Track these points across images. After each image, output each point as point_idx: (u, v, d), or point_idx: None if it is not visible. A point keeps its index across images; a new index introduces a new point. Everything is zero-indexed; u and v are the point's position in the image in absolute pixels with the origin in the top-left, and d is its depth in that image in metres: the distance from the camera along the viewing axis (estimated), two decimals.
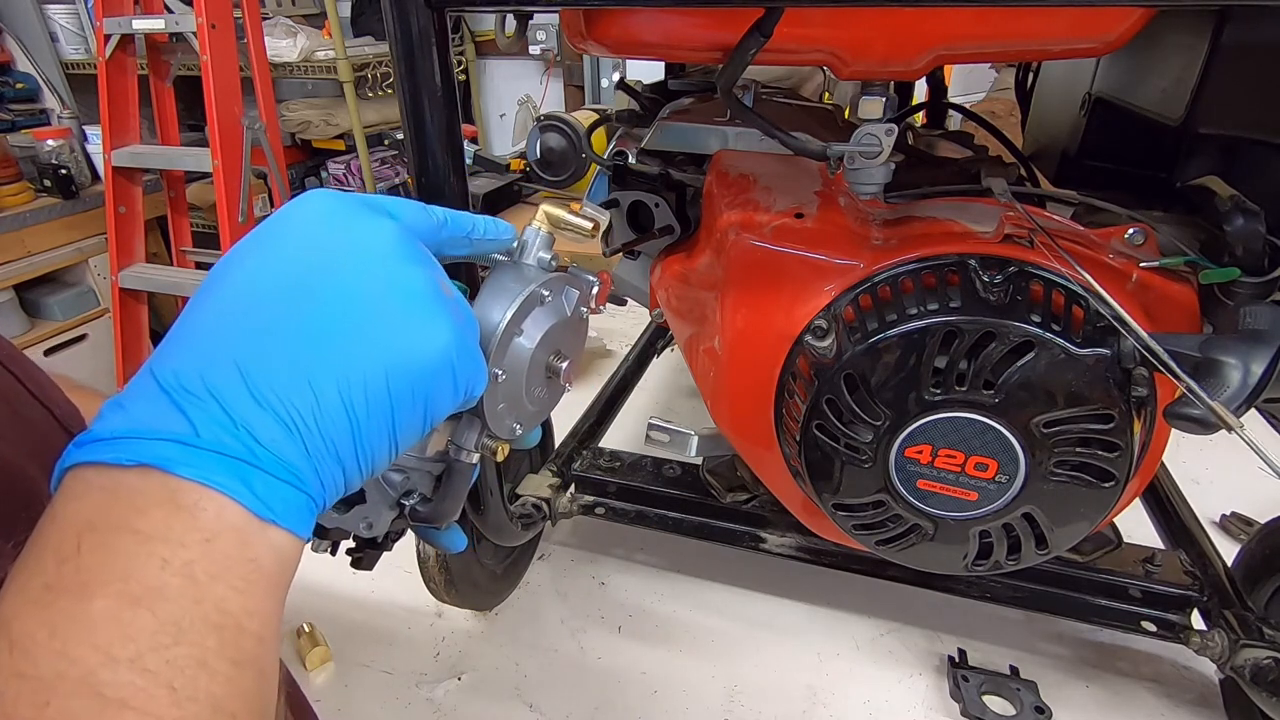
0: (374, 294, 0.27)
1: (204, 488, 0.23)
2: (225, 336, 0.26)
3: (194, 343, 0.26)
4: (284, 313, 0.26)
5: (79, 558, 0.22)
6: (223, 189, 1.90)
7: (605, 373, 1.07)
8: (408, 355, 0.27)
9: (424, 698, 0.76)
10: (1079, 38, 0.50)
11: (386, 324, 0.27)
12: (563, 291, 0.37)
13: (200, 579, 0.23)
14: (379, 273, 0.28)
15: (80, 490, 0.24)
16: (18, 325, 2.16)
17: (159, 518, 0.23)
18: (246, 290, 0.27)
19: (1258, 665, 0.62)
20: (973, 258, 0.51)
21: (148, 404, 0.24)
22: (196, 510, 0.23)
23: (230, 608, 0.23)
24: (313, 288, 0.27)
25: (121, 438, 0.24)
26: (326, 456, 0.26)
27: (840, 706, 0.75)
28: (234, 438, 0.24)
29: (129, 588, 0.22)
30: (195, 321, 0.27)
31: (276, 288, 0.27)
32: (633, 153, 0.74)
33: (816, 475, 0.55)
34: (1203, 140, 0.57)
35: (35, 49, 2.38)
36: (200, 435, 0.24)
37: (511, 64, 2.74)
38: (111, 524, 0.23)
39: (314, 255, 0.28)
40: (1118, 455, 0.48)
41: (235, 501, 0.24)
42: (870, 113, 0.56)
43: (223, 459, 0.24)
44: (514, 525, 0.77)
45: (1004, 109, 1.22)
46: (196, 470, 0.23)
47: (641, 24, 0.56)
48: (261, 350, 0.25)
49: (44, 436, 0.36)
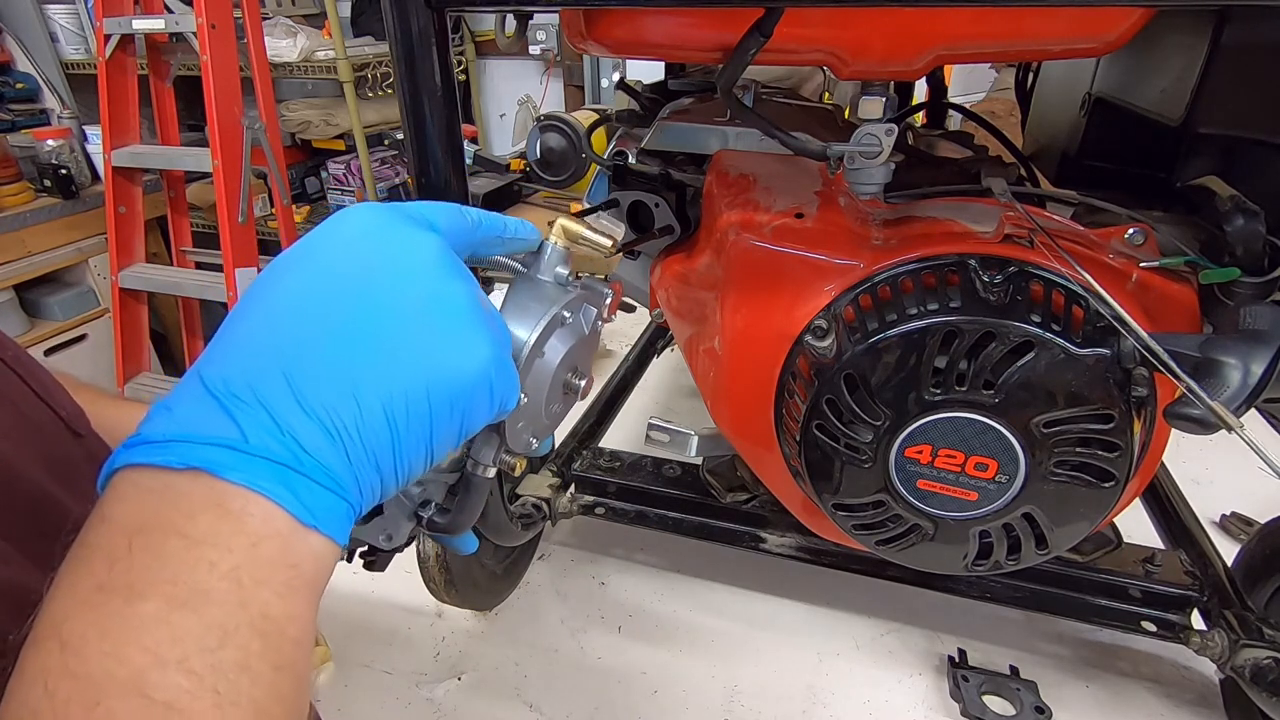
0: (417, 309, 0.28)
1: (251, 493, 0.24)
2: (272, 345, 0.26)
3: (241, 350, 0.26)
4: (330, 325, 0.27)
5: (129, 559, 0.22)
6: (223, 189, 1.90)
7: (605, 373, 1.07)
8: (448, 370, 0.28)
9: (424, 698, 0.76)
10: (1079, 38, 0.50)
11: (429, 339, 0.28)
12: (581, 310, 0.37)
13: (246, 583, 0.23)
14: (421, 288, 0.28)
15: (130, 492, 0.24)
16: (18, 325, 2.16)
17: (207, 521, 0.23)
18: (292, 301, 0.27)
19: (1258, 665, 0.62)
20: (973, 258, 0.51)
21: (196, 408, 0.25)
22: (244, 515, 0.23)
23: (273, 612, 0.24)
24: (358, 301, 0.27)
25: (171, 440, 0.24)
26: (367, 465, 0.26)
27: (840, 706, 0.75)
28: (280, 444, 0.24)
29: (177, 590, 0.22)
30: (241, 329, 0.27)
31: (322, 300, 0.27)
32: (633, 153, 0.74)
33: (816, 475, 0.55)
34: (1203, 140, 0.57)
35: (35, 49, 2.38)
36: (249, 440, 0.24)
37: (511, 64, 2.74)
38: (161, 526, 0.23)
39: (358, 269, 0.28)
40: (1118, 455, 0.48)
41: (281, 507, 0.24)
42: (870, 113, 0.56)
43: (270, 464, 0.24)
44: (514, 525, 0.77)
45: (1004, 109, 1.22)
46: (245, 475, 0.23)
47: (641, 24, 0.56)
48: (308, 360, 0.26)
49: (49, 437, 0.36)
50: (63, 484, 0.34)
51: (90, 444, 0.38)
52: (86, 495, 0.35)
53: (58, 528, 0.33)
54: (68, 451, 0.36)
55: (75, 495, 0.34)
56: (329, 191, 2.55)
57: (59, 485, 0.34)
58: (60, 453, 0.36)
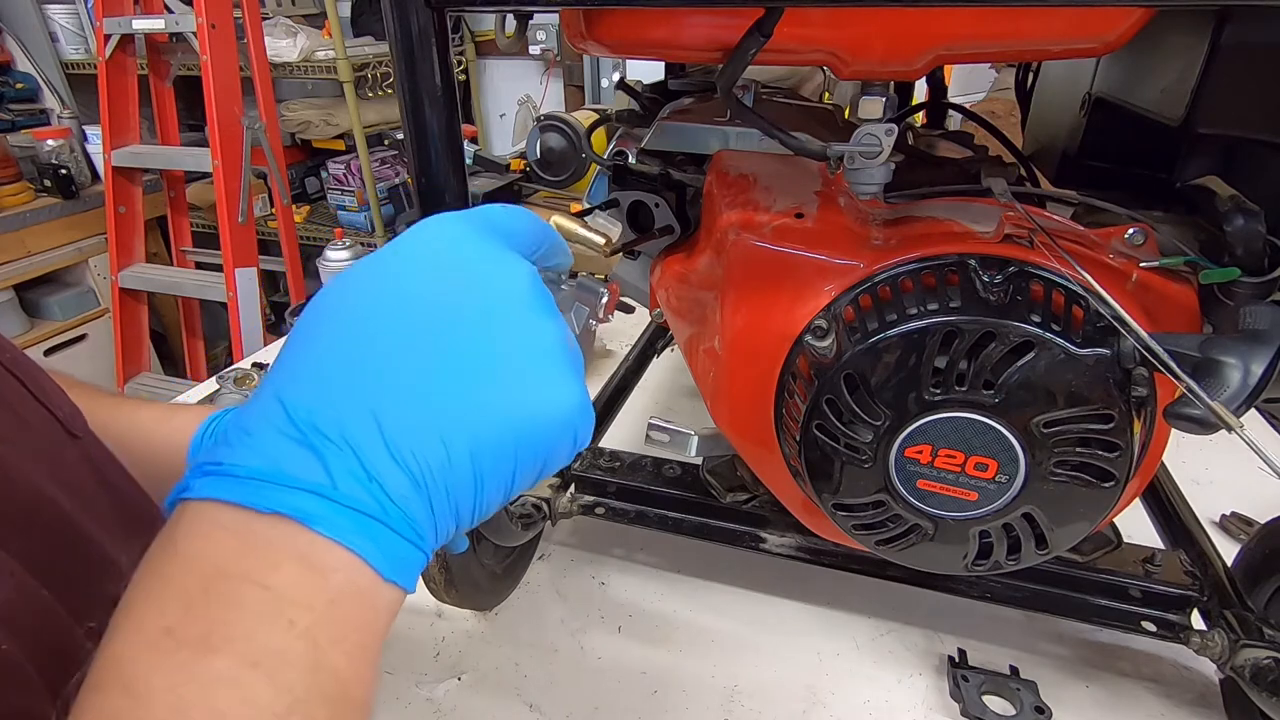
0: (510, 349, 0.27)
1: (339, 546, 0.23)
2: (360, 378, 0.25)
3: (323, 377, 0.25)
4: (419, 360, 0.25)
5: (205, 606, 0.21)
6: (223, 189, 1.90)
7: (605, 373, 1.07)
8: (538, 416, 0.27)
9: (424, 698, 0.76)
10: (1079, 38, 0.50)
11: (521, 382, 0.27)
12: (573, 308, 0.37)
13: (321, 644, 0.22)
14: (515, 325, 0.27)
15: (207, 529, 0.23)
16: (18, 325, 2.16)
17: (290, 574, 0.22)
18: (377, 326, 0.26)
19: (1258, 665, 0.62)
20: (973, 258, 0.51)
21: (279, 440, 0.23)
22: (328, 571, 0.22)
23: (343, 676, 0.23)
24: (449, 337, 0.26)
25: (255, 479, 0.22)
26: (447, 513, 0.25)
27: (840, 706, 0.75)
28: (368, 493, 0.23)
29: (252, 649, 0.21)
30: (321, 350, 0.25)
31: (410, 329, 0.26)
32: (633, 153, 0.74)
33: (816, 475, 0.55)
34: (1203, 140, 0.57)
35: (35, 49, 2.39)
36: (338, 487, 0.23)
37: (511, 64, 2.75)
38: (241, 574, 0.22)
39: (449, 297, 0.26)
40: (1118, 455, 0.48)
41: (365, 563, 0.23)
42: (870, 113, 0.56)
43: (357, 516, 0.23)
44: (514, 525, 0.77)
45: (1004, 109, 1.22)
46: (334, 528, 0.22)
47: (641, 24, 0.56)
48: (397, 399, 0.24)
49: (46, 439, 0.36)
50: (59, 485, 0.34)
51: (87, 445, 0.38)
52: (82, 497, 0.35)
53: (53, 531, 0.33)
54: (64, 453, 0.36)
55: (72, 497, 0.34)
56: (329, 191, 2.55)
57: (56, 487, 0.34)
58: (57, 454, 0.35)
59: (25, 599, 0.29)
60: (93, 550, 0.34)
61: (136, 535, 0.25)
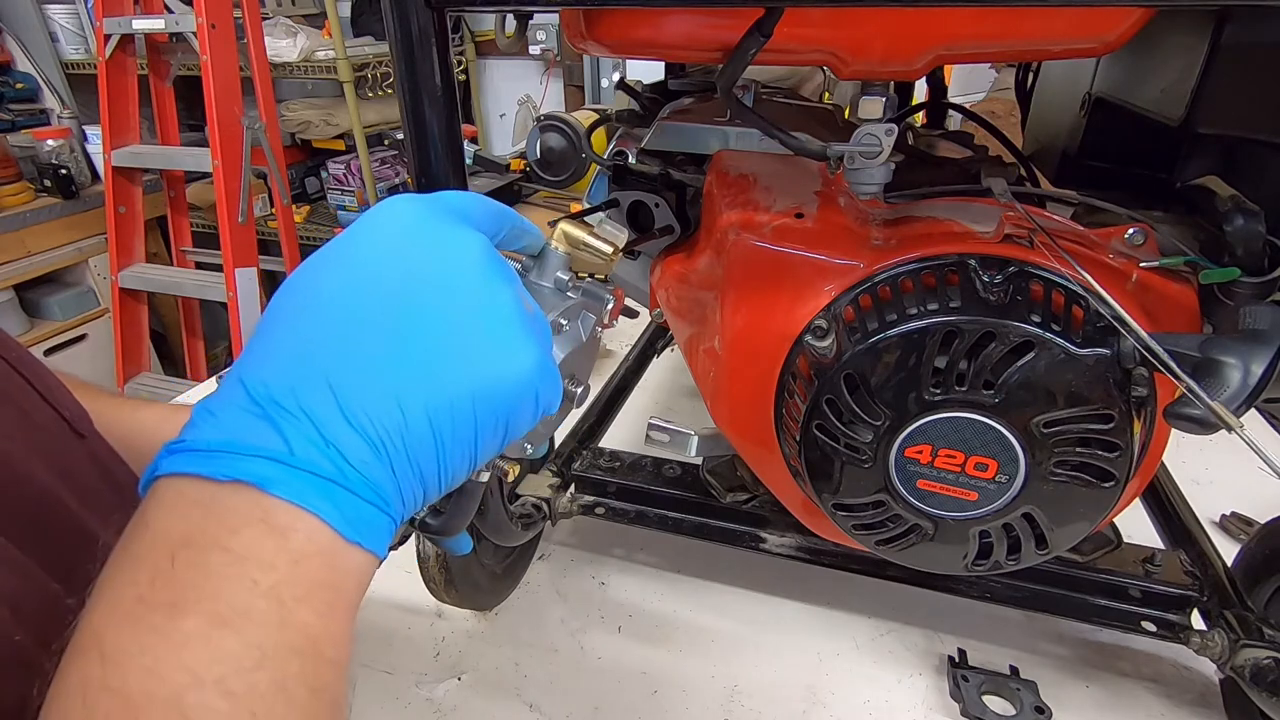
0: (464, 315, 0.27)
1: (296, 508, 0.23)
2: (316, 351, 0.25)
3: (283, 354, 0.26)
4: (375, 330, 0.26)
5: (172, 572, 0.22)
6: (223, 189, 1.90)
7: (605, 373, 1.07)
8: (495, 378, 0.27)
9: (424, 698, 0.76)
10: (1079, 38, 0.50)
11: (476, 346, 0.27)
12: (580, 316, 0.37)
13: (287, 602, 0.23)
14: (469, 292, 0.27)
15: (174, 501, 0.24)
16: (18, 325, 2.16)
17: (251, 537, 0.23)
18: (335, 302, 0.26)
19: (1258, 665, 0.62)
20: (973, 258, 0.51)
21: (240, 415, 0.24)
22: (288, 531, 0.23)
23: (313, 633, 0.23)
24: (402, 306, 0.26)
25: (216, 451, 0.23)
26: (410, 476, 0.26)
27: (840, 706, 0.75)
28: (325, 457, 0.24)
29: (218, 608, 0.22)
30: (282, 331, 0.26)
31: (365, 303, 0.26)
32: (633, 153, 0.74)
33: (816, 475, 0.55)
34: (1203, 140, 0.57)
35: (35, 49, 2.39)
36: (294, 453, 0.23)
37: (511, 64, 2.74)
38: (205, 541, 0.23)
39: (402, 271, 0.27)
40: (1118, 455, 0.48)
41: (325, 523, 0.24)
42: (870, 113, 0.56)
43: (315, 479, 0.23)
44: (514, 525, 0.77)
45: (1004, 109, 1.22)
46: (290, 490, 0.23)
47: (641, 24, 0.56)
48: (353, 368, 0.25)
49: (52, 438, 0.36)
50: (66, 485, 0.34)
51: (93, 445, 0.38)
52: (89, 496, 0.35)
53: (61, 529, 0.33)
54: (71, 453, 0.36)
55: (78, 496, 0.34)
56: (329, 191, 2.55)
57: (62, 486, 0.34)
58: (63, 454, 0.36)
59: (37, 592, 0.30)
60: (99, 548, 0.34)
61: None
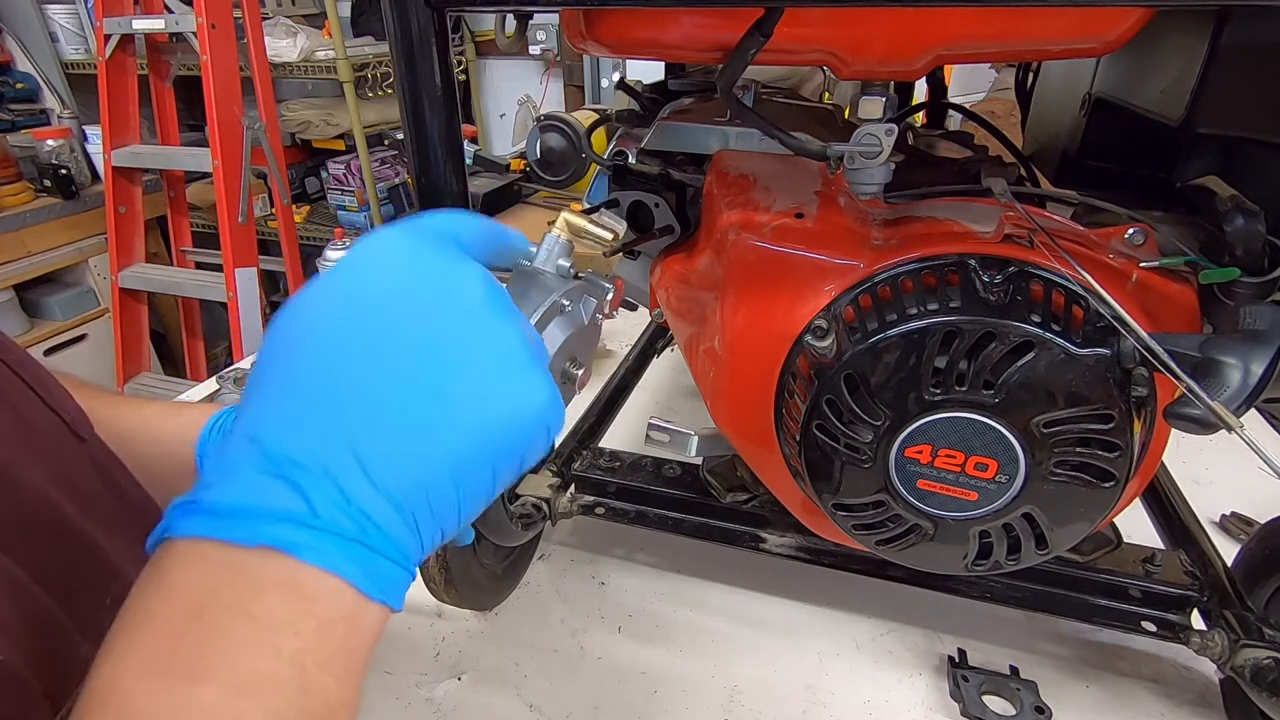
0: (477, 358, 0.27)
1: (322, 572, 0.23)
2: (330, 404, 0.25)
3: (296, 407, 0.25)
4: (391, 381, 0.25)
5: (193, 636, 0.22)
6: (223, 189, 1.90)
7: (605, 373, 1.07)
8: (511, 419, 0.27)
9: (424, 698, 0.76)
10: (1079, 38, 0.50)
11: (491, 389, 0.27)
12: (581, 300, 0.37)
13: (309, 668, 0.23)
14: (479, 333, 0.27)
15: (194, 561, 0.23)
16: (18, 325, 2.16)
17: (276, 601, 0.22)
18: (344, 350, 0.26)
19: (1258, 665, 0.62)
20: (973, 258, 0.51)
21: (257, 476, 0.24)
22: (314, 597, 0.23)
23: (330, 699, 0.23)
24: (417, 353, 0.26)
25: (237, 514, 0.23)
26: (432, 527, 0.26)
27: (840, 706, 0.75)
28: (349, 518, 0.24)
29: (239, 676, 0.21)
30: (289, 379, 0.26)
31: (374, 351, 0.26)
32: (633, 153, 0.74)
33: (816, 475, 0.55)
34: (1203, 140, 0.57)
35: (35, 49, 2.39)
36: (318, 515, 0.23)
37: (511, 64, 2.74)
38: (228, 603, 0.22)
39: (409, 316, 0.26)
40: (1118, 455, 0.48)
41: (350, 585, 0.23)
42: (870, 113, 0.56)
43: (340, 539, 0.23)
44: (514, 525, 0.77)
45: (1004, 109, 1.22)
46: (317, 555, 0.23)
47: (641, 24, 0.56)
48: (372, 424, 0.25)
49: (52, 442, 0.36)
50: (65, 490, 0.34)
51: (93, 448, 0.38)
52: (88, 501, 0.35)
53: (57, 535, 0.33)
54: (70, 456, 0.36)
55: (77, 502, 0.34)
56: (329, 191, 2.55)
57: (61, 491, 0.34)
58: (63, 457, 0.35)
59: (26, 607, 0.29)
60: (97, 555, 0.34)
61: (141, 540, 0.25)
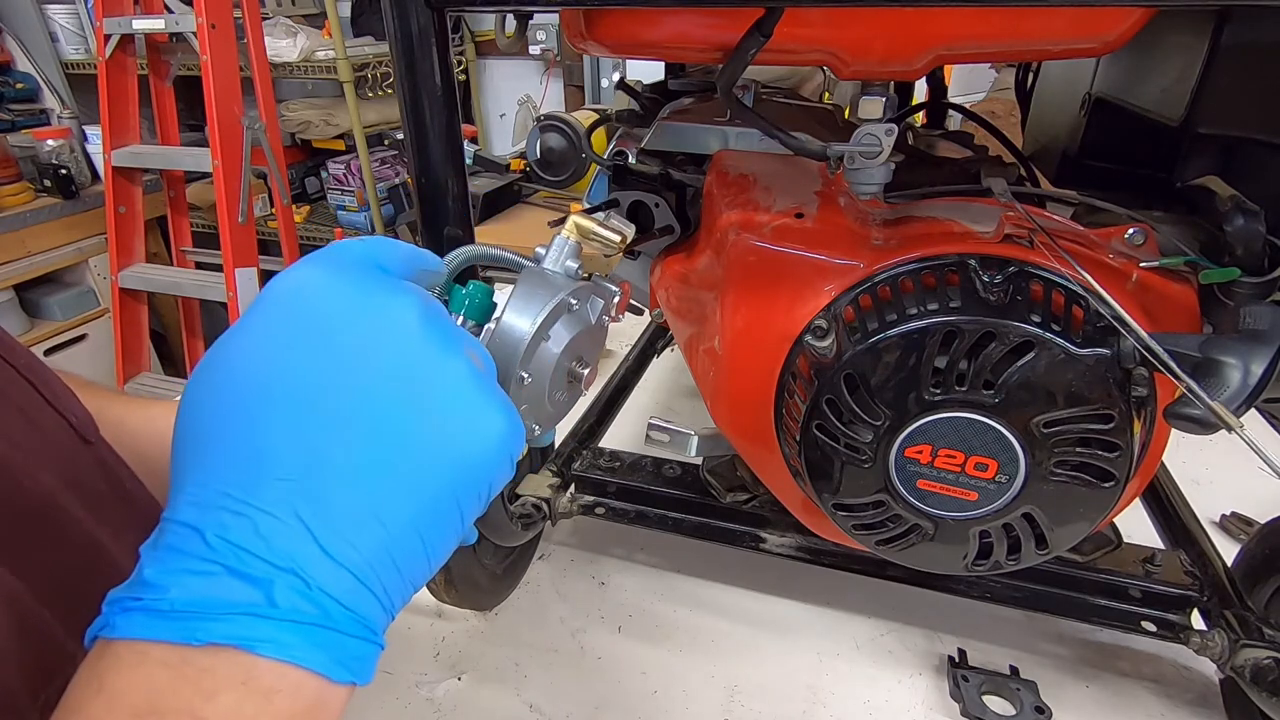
0: (427, 399, 0.24)
1: (282, 664, 0.21)
2: (271, 480, 0.22)
3: (235, 485, 0.22)
4: (337, 439, 0.23)
5: None
6: (223, 189, 1.90)
7: (605, 373, 1.07)
8: (470, 455, 0.25)
9: (424, 698, 0.76)
10: (1079, 38, 0.50)
11: (445, 427, 0.25)
12: (588, 300, 0.38)
13: None
14: (423, 371, 0.24)
15: (134, 661, 0.21)
16: (18, 325, 2.16)
17: (230, 703, 0.20)
18: (278, 409, 0.23)
19: (1258, 665, 0.62)
20: (973, 258, 0.51)
21: (203, 566, 0.21)
22: (273, 693, 0.21)
23: None
24: (362, 403, 0.23)
25: (183, 612, 0.21)
26: (399, 585, 0.24)
27: (840, 706, 0.75)
28: (310, 602, 0.21)
29: None
30: (223, 455, 0.23)
31: (313, 407, 0.23)
32: (633, 153, 0.74)
33: (816, 475, 0.55)
34: (1203, 140, 0.57)
35: (35, 49, 2.39)
36: (276, 605, 0.21)
37: (511, 64, 2.74)
38: (175, 708, 0.20)
39: (346, 365, 0.24)
40: (1118, 455, 0.48)
41: (313, 673, 0.21)
42: (870, 113, 0.56)
43: (301, 628, 0.21)
44: (514, 525, 0.77)
45: (1004, 109, 1.22)
46: (276, 647, 0.21)
47: (641, 24, 0.56)
48: (321, 493, 0.22)
49: (59, 445, 0.35)
50: (72, 492, 0.34)
51: (100, 451, 0.38)
52: (96, 503, 0.35)
53: (63, 537, 0.33)
54: (77, 458, 0.36)
55: (84, 504, 0.34)
56: (329, 191, 2.55)
57: (68, 493, 0.33)
58: (70, 460, 0.35)
59: (19, 618, 0.29)
60: (103, 558, 0.34)
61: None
